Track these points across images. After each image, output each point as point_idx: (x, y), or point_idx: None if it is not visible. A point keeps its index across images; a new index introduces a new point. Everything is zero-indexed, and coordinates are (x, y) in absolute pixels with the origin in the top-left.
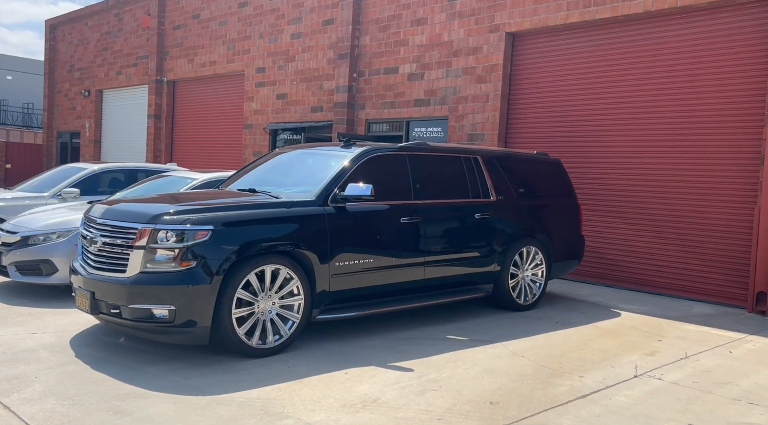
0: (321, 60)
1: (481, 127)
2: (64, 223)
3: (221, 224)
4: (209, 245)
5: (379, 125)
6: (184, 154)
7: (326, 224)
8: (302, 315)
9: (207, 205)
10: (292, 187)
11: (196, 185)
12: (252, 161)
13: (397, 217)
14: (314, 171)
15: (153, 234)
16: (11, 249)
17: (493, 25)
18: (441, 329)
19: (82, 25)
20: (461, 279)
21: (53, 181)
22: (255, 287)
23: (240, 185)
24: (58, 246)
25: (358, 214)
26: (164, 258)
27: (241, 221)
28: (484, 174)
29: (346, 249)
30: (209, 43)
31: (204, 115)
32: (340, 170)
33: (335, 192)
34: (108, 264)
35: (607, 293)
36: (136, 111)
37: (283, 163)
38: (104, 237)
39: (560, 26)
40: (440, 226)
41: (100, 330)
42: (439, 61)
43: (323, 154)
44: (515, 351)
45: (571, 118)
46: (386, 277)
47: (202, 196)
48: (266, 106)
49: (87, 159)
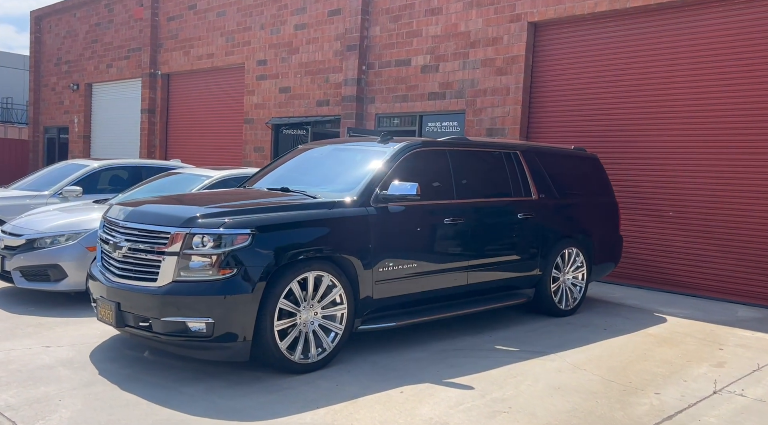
0: (327, 52)
1: (501, 121)
2: (72, 225)
3: (262, 227)
4: (250, 251)
5: (389, 120)
6: (180, 150)
7: (369, 226)
8: (345, 325)
9: (243, 206)
10: (326, 186)
11: (211, 183)
12: (277, 158)
13: (440, 218)
14: (350, 168)
15: (187, 239)
16: (15, 253)
17: (514, 15)
18: (486, 339)
19: (69, 17)
20: (503, 284)
21: (52, 179)
22: (297, 296)
23: (268, 184)
24: (67, 249)
25: (400, 215)
26: (200, 266)
27: (283, 224)
28: (524, 170)
29: (390, 254)
30: (206, 34)
31: (201, 109)
32: (381, 167)
33: (376, 191)
34: (135, 272)
35: (641, 295)
36: (128, 105)
37: (313, 160)
38: (130, 242)
39: (587, 15)
40: (484, 228)
41: (120, 342)
42: (455, 53)
43: (359, 150)
44: (575, 364)
45: (597, 112)
46: (429, 283)
47: (234, 196)
48: (268, 100)
49: (76, 155)
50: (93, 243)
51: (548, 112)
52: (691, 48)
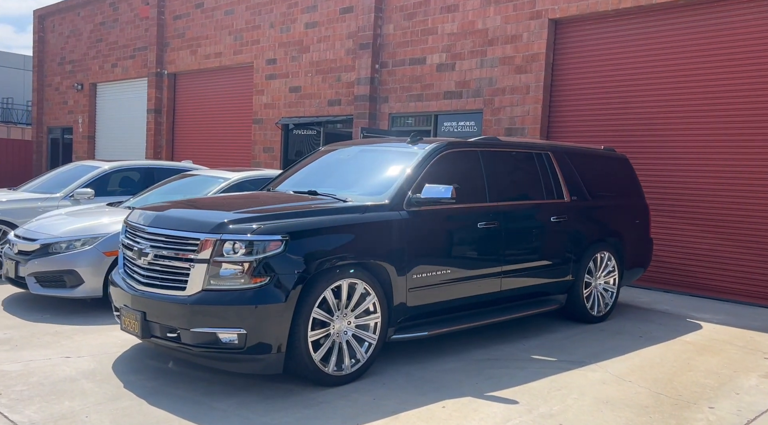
0: (339, 50)
1: (520, 120)
2: (88, 229)
3: (295, 233)
4: (283, 258)
5: (403, 119)
6: (187, 150)
7: (402, 231)
8: (379, 335)
9: (273, 210)
10: (354, 189)
11: (228, 186)
12: (299, 160)
13: (474, 222)
14: (379, 171)
15: (218, 246)
16: (30, 258)
17: (535, 11)
18: (519, 347)
19: (73, 16)
20: (536, 291)
21: (62, 181)
22: (331, 305)
23: (293, 186)
24: (83, 254)
25: (433, 219)
26: (231, 274)
27: (316, 229)
28: (556, 172)
29: (424, 260)
30: (214, 33)
31: (208, 109)
32: (413, 169)
33: (409, 194)
34: (162, 280)
35: (670, 300)
36: (134, 105)
37: (339, 162)
38: (157, 249)
39: (611, 12)
40: (518, 232)
41: (142, 352)
42: (472, 51)
43: (388, 151)
44: (618, 375)
45: (621, 111)
46: (463, 290)
47: (261, 200)
48: (278, 100)
49: (80, 155)
50: (110, 247)
51: (569, 111)
52: (720, 45)
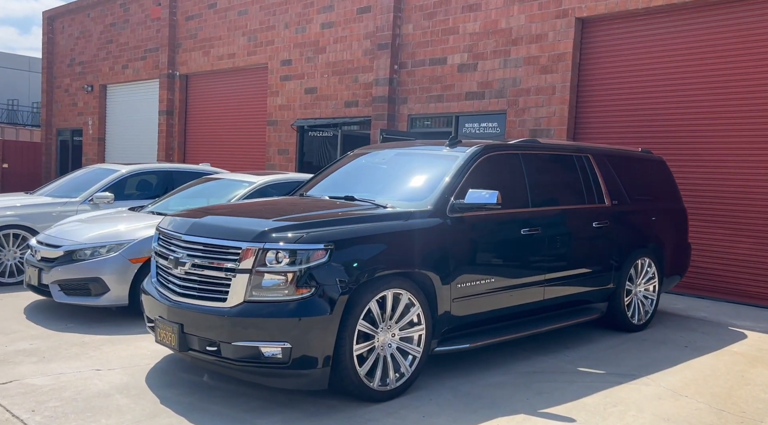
0: (356, 51)
1: (546, 121)
2: (113, 235)
3: (340, 242)
4: (328, 267)
5: (423, 121)
6: (199, 152)
7: (447, 238)
8: (424, 347)
9: (315, 218)
10: (392, 194)
11: (254, 190)
12: (330, 163)
13: (517, 228)
14: (418, 175)
15: (260, 255)
16: (54, 265)
17: (561, 10)
18: (563, 359)
19: (83, 17)
20: (578, 299)
21: (80, 185)
22: (375, 317)
23: (326, 191)
24: (109, 261)
25: (477, 226)
26: (274, 284)
27: (361, 237)
28: (597, 175)
29: (468, 268)
30: (227, 34)
31: (221, 111)
32: (454, 174)
33: (451, 200)
34: (201, 291)
35: (707, 307)
36: (145, 107)
37: (373, 166)
38: (195, 258)
39: (641, 10)
40: (561, 238)
41: (174, 364)
42: (495, 50)
43: (426, 155)
44: (672, 389)
45: (651, 112)
46: (507, 300)
47: (299, 206)
48: (293, 102)
49: (90, 157)
50: (136, 254)
51: (596, 112)
52: (755, 44)
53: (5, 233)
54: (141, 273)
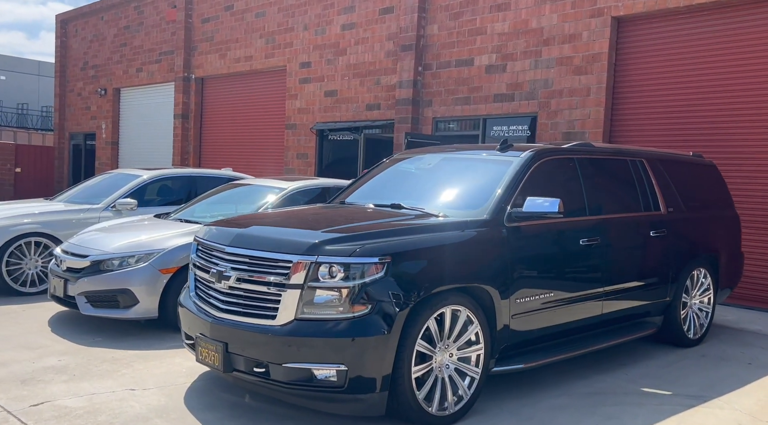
0: (378, 53)
1: (580, 124)
2: (142, 244)
3: (397, 254)
4: (385, 282)
5: (449, 124)
6: (215, 156)
7: (505, 249)
8: (482, 368)
9: (368, 228)
10: (440, 202)
11: (284, 196)
12: (369, 169)
13: (576, 238)
14: (469, 181)
15: (313, 269)
16: (80, 276)
17: (596, 9)
18: (622, 377)
19: (96, 20)
20: (634, 313)
21: (101, 191)
22: (433, 335)
23: (365, 198)
24: (138, 272)
25: (535, 236)
26: (327, 301)
27: (418, 249)
28: (651, 181)
29: (527, 282)
30: (244, 36)
31: (238, 114)
32: (510, 180)
33: (508, 209)
34: (247, 307)
35: (759, 319)
36: (159, 110)
37: (418, 172)
38: (240, 272)
39: (682, 8)
40: (619, 248)
41: (212, 383)
42: (525, 51)
43: (476, 160)
44: (751, 414)
45: (692, 114)
46: (565, 315)
47: (346, 215)
48: (312, 105)
49: (104, 162)
50: (166, 264)
51: (632, 114)
52: None
53: (26, 241)
54: (171, 285)
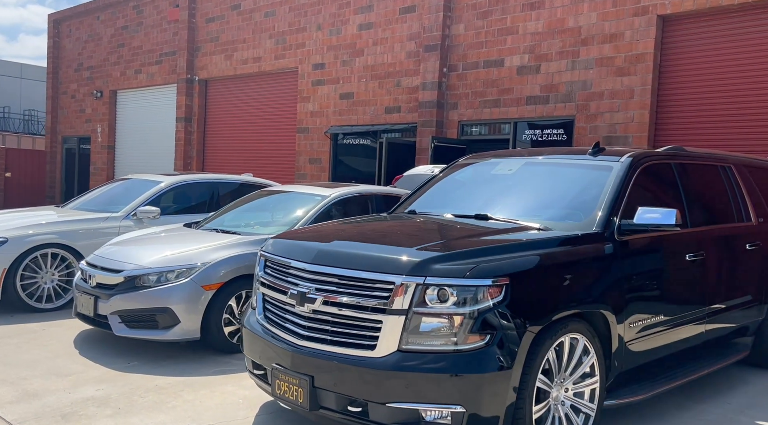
0: (398, 53)
1: (623, 128)
2: (182, 258)
3: (515, 275)
4: (505, 308)
5: (476, 127)
6: (220, 161)
7: (618, 267)
8: (598, 403)
9: (474, 244)
10: (532, 212)
11: (328, 203)
12: (434, 176)
13: (683, 253)
14: (563, 189)
15: (420, 292)
16: (113, 293)
17: (639, 7)
18: (726, 407)
19: (92, 20)
20: (729, 334)
21: (117, 198)
22: (552, 369)
23: (441, 208)
24: (179, 289)
25: (643, 251)
26: (436, 329)
27: (537, 268)
28: (741, 189)
29: (639, 303)
30: (252, 36)
31: (245, 117)
32: (614, 188)
33: (615, 220)
34: (337, 334)
35: None
36: (160, 113)
37: (495, 179)
38: (327, 293)
39: (735, 5)
40: (720, 264)
41: (278, 416)
42: (561, 51)
43: (568, 165)
44: None
45: (744, 116)
46: (672, 338)
47: (433, 228)
48: (326, 107)
49: (99, 166)
50: (209, 280)
51: (678, 116)
52: None
53: (42, 253)
54: (215, 302)
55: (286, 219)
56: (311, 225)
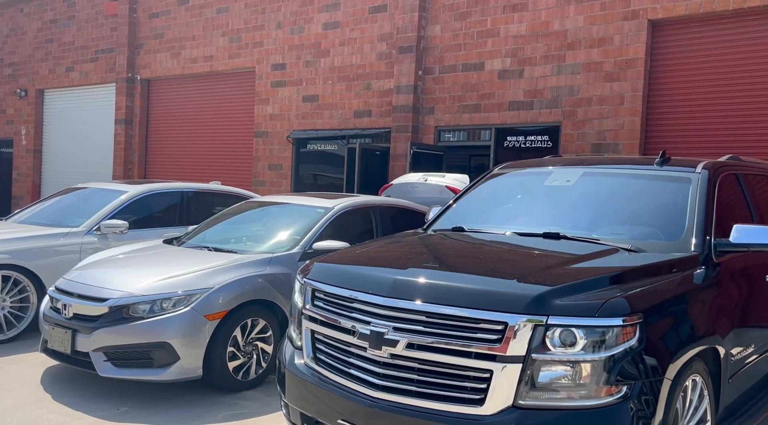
0: (368, 55)
1: (612, 135)
2: (179, 283)
3: (648, 310)
4: (642, 351)
5: (454, 133)
6: (165, 167)
7: (722, 293)
8: None
9: (588, 272)
10: (609, 228)
11: (333, 217)
12: (468, 187)
13: (763, 274)
14: (635, 202)
15: (539, 334)
16: (97, 326)
17: (629, 11)
18: None
19: (14, 12)
20: None
21: (72, 210)
22: (679, 415)
23: (492, 223)
24: (177, 319)
25: (736, 274)
26: (559, 379)
27: (667, 301)
28: None
29: (739, 333)
30: (203, 34)
31: (194, 120)
32: (700, 202)
33: (711, 240)
34: (428, 385)
35: None
36: (94, 115)
37: (553, 190)
38: (412, 334)
39: (730, 12)
40: None
41: None
42: (546, 55)
43: (632, 175)
44: None
45: (736, 124)
46: (761, 369)
47: (506, 250)
48: (288, 110)
49: (24, 171)
50: (212, 308)
51: (669, 124)
52: None
53: None
54: (218, 334)
55: (287, 235)
56: (361, 245)
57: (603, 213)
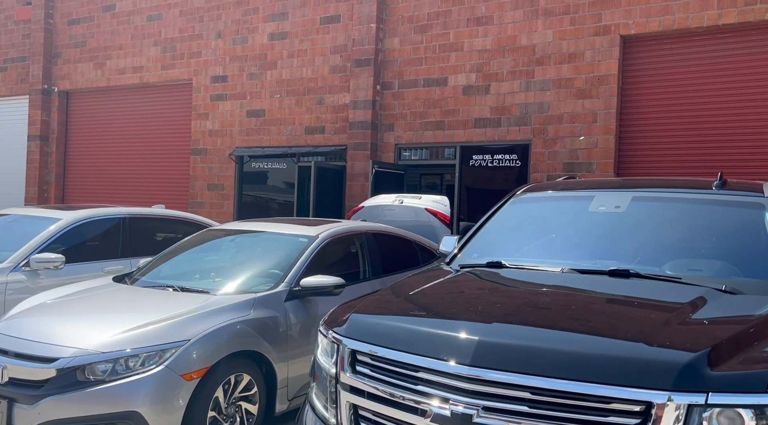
0: (320, 67)
1: (585, 154)
2: (148, 335)
3: None
4: None
5: (416, 151)
6: (86, 188)
7: None
8: None
9: (728, 330)
10: (679, 263)
11: (318, 247)
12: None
13: None
14: (704, 232)
15: (696, 416)
16: (43, 393)
17: (600, 27)
18: None
19: None
20: None
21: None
22: None
23: (532, 256)
24: (149, 382)
25: None
26: None
27: None
28: None
29: None
30: (131, 42)
31: (122, 136)
32: None
33: None
34: None
35: None
36: (3, 130)
37: (600, 217)
38: (509, 415)
39: (704, 29)
40: None
41: None
42: (513, 71)
43: (691, 200)
44: None
45: (709, 141)
46: None
47: (556, 300)
48: (229, 126)
49: None
50: (190, 366)
51: (642, 141)
52: None
53: None
54: (197, 396)
55: (265, 269)
56: (396, 286)
57: (667, 246)
